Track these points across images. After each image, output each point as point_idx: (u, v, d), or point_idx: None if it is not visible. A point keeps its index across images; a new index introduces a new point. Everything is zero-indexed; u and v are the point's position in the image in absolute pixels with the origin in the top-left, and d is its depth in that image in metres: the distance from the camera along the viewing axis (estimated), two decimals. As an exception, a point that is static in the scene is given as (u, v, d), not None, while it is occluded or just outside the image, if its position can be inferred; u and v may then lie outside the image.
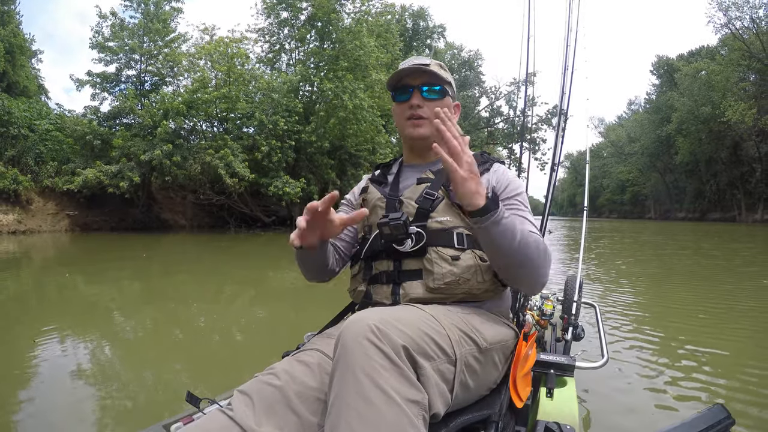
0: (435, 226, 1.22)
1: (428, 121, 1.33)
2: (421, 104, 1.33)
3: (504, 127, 40.45)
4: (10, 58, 21.22)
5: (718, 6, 35.24)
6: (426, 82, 1.33)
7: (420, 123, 1.34)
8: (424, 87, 1.33)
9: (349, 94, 18.66)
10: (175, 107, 17.25)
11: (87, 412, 2.25)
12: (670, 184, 54.70)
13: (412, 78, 1.34)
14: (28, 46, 24.02)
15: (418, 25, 34.91)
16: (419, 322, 0.93)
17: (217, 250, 12.02)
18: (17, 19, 22.67)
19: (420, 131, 1.34)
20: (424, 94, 1.33)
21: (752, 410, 2.18)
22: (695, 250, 11.23)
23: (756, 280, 6.26)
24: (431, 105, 1.33)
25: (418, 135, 1.35)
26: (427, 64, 1.33)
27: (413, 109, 1.33)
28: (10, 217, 16.16)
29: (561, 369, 1.38)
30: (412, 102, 1.33)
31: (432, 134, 1.33)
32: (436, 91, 1.34)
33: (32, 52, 25.03)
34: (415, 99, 1.33)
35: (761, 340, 3.41)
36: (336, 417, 0.77)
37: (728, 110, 33.47)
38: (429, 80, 1.33)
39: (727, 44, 37.33)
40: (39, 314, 4.40)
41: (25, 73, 22.91)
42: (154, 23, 19.31)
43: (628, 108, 70.02)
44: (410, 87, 1.34)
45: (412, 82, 1.34)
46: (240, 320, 4.39)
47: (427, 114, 1.33)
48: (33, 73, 24.77)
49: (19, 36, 22.47)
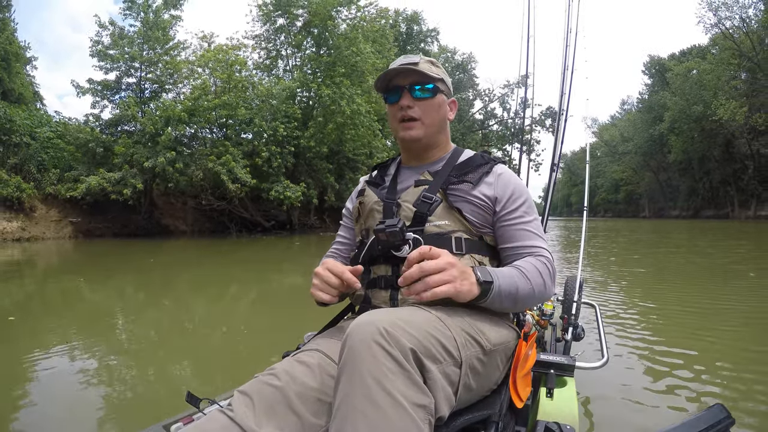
0: (433, 230, 1.20)
1: (420, 122, 1.29)
2: (412, 105, 1.28)
3: (498, 129, 40.63)
4: (6, 65, 21.04)
5: (708, 6, 35.39)
6: (416, 81, 1.27)
7: (411, 125, 1.29)
8: (416, 86, 1.28)
9: (347, 100, 18.76)
10: (177, 114, 17.26)
11: (87, 412, 2.24)
12: (663, 183, 54.75)
13: (401, 78, 1.29)
14: (23, 53, 23.71)
15: (412, 29, 35.13)
16: (426, 324, 0.92)
17: (220, 254, 12.06)
18: (12, 27, 22.39)
19: (411, 134, 1.29)
20: (416, 94, 1.28)
21: (752, 410, 2.15)
22: (689, 248, 11.22)
23: (756, 281, 6.17)
24: (423, 105, 1.29)
25: (410, 137, 1.30)
26: (416, 63, 1.28)
27: (404, 111, 1.28)
28: (14, 225, 16.10)
29: (561, 369, 1.36)
30: (402, 103, 1.28)
31: (426, 136, 1.31)
32: (427, 89, 1.28)
33: (27, 59, 24.69)
34: (405, 100, 1.28)
35: (762, 340, 3.37)
36: (342, 420, 0.76)
37: (719, 109, 33.56)
38: (419, 79, 1.27)
39: (717, 43, 37.44)
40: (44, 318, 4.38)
41: (21, 80, 22.64)
42: (153, 31, 19.27)
43: (621, 108, 70.20)
44: (400, 87, 1.29)
45: (401, 82, 1.29)
46: (240, 320, 4.38)
47: (418, 114, 1.29)
48: (28, 80, 24.45)
49: (14, 43, 22.24)
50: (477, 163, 1.30)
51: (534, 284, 1.12)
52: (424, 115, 1.29)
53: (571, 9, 2.90)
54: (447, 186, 1.24)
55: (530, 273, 1.13)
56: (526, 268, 1.14)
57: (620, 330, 3.55)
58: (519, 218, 1.23)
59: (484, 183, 1.25)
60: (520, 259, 1.20)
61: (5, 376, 2.82)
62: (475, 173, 1.27)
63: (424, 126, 1.30)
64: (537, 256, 1.19)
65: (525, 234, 1.23)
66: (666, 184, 54.44)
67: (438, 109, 1.32)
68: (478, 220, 1.23)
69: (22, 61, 23.56)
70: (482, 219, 1.23)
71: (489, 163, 1.30)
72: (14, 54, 21.95)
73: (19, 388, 2.61)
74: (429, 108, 1.30)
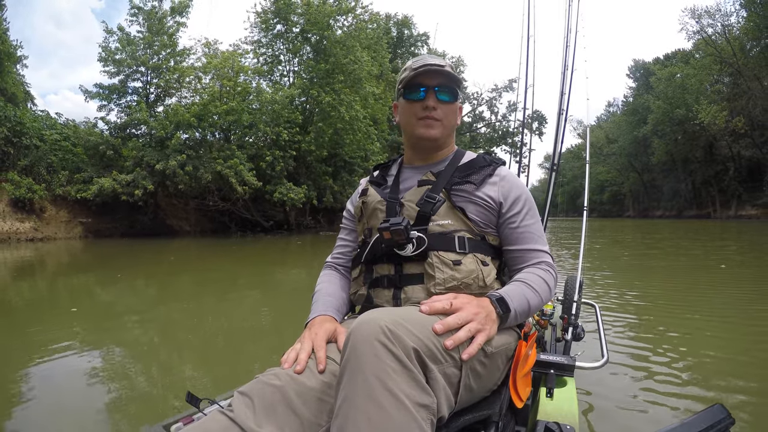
0: (436, 229, 1.17)
1: (441, 123, 1.27)
2: (436, 106, 1.25)
3: (486, 131, 40.82)
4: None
5: (691, 14, 35.60)
6: (441, 84, 1.24)
7: (433, 124, 1.26)
8: (443, 88, 1.25)
9: (346, 106, 18.93)
10: (186, 119, 17.41)
11: (88, 411, 2.20)
12: (647, 184, 55.02)
13: (427, 78, 1.24)
14: (14, 53, 23.17)
15: (403, 34, 35.13)
16: (428, 324, 0.89)
17: (231, 252, 12.21)
18: (4, 26, 21.83)
19: (431, 132, 1.26)
20: (442, 97, 1.25)
21: (752, 409, 2.11)
22: (688, 248, 11.06)
23: (758, 280, 6.03)
24: (443, 107, 1.26)
25: (429, 135, 1.27)
26: (443, 65, 1.24)
27: (427, 111, 1.25)
28: (26, 225, 16.03)
29: (561, 369, 1.33)
30: (428, 103, 1.24)
31: (442, 137, 1.29)
32: (451, 93, 1.26)
33: (17, 58, 24.01)
34: (431, 101, 1.24)
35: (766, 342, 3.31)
36: (344, 419, 0.74)
37: (701, 113, 33.74)
38: (444, 82, 1.24)
39: (700, 48, 37.66)
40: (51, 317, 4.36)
41: (12, 80, 22.17)
42: (159, 37, 19.25)
43: (606, 110, 70.46)
44: (424, 86, 1.24)
45: (427, 81, 1.24)
46: (241, 320, 4.33)
47: (440, 116, 1.26)
48: (18, 79, 23.86)
49: (6, 42, 21.77)
50: (480, 164, 1.28)
51: (541, 294, 1.14)
52: (444, 117, 1.27)
53: (571, 9, 2.87)
54: (450, 186, 1.22)
55: (536, 284, 1.14)
56: (532, 281, 1.15)
57: (620, 330, 3.48)
58: (522, 221, 1.22)
59: (488, 184, 1.24)
60: (523, 263, 1.22)
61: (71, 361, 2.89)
62: (478, 174, 1.25)
63: (443, 127, 1.28)
64: (539, 265, 1.21)
65: (528, 237, 1.23)
66: (650, 185, 54.69)
67: (455, 113, 1.32)
68: (481, 220, 1.21)
69: (13, 60, 22.96)
70: (486, 219, 1.22)
71: (492, 165, 1.28)
72: (6, 53, 21.50)
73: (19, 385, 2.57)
74: (449, 111, 1.29)
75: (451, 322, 0.91)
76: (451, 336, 0.90)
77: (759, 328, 3.59)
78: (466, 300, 1.00)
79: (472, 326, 0.94)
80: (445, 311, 0.95)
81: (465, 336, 0.91)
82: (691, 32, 37.01)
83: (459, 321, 0.93)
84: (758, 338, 3.33)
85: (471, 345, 0.92)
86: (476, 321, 0.95)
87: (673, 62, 44.86)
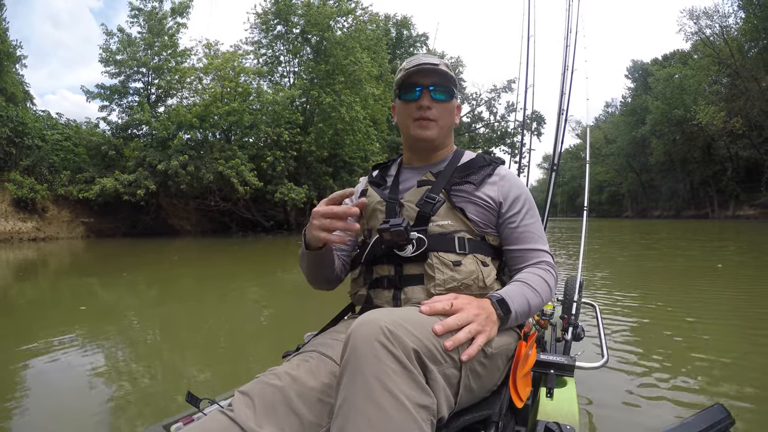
0: (436, 230, 1.16)
1: (436, 123, 1.24)
2: (431, 105, 1.22)
3: (485, 132, 40.79)
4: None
5: (689, 15, 35.56)
6: (435, 83, 1.22)
7: (428, 125, 1.23)
8: (437, 87, 1.22)
9: (346, 107, 18.92)
10: (188, 120, 17.42)
11: (88, 411, 2.19)
12: (646, 184, 54.93)
13: (422, 77, 1.22)
14: (13, 52, 23.07)
15: (402, 34, 35.08)
16: (428, 324, 0.88)
17: (231, 252, 12.23)
18: (4, 26, 21.71)
19: (427, 133, 1.24)
20: (436, 95, 1.22)
21: (753, 410, 2.09)
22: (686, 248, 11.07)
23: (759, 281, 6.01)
24: (440, 106, 1.24)
25: (425, 137, 1.24)
26: (437, 64, 1.22)
27: (422, 111, 1.22)
28: (28, 225, 16.04)
29: (561, 369, 1.32)
30: (422, 103, 1.22)
31: (438, 137, 1.27)
32: (446, 92, 1.24)
33: (16, 58, 23.83)
34: (425, 100, 1.22)
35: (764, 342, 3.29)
36: (344, 420, 0.73)
37: (699, 113, 33.71)
38: (439, 81, 1.22)
39: (698, 49, 37.62)
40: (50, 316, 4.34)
41: (11, 80, 22.09)
42: (160, 38, 19.26)
43: (605, 110, 70.32)
44: (419, 86, 1.22)
45: (421, 81, 1.22)
46: (242, 320, 4.32)
47: (435, 116, 1.24)
48: (17, 79, 23.71)
49: (6, 42, 21.69)
50: (479, 164, 1.26)
51: (542, 294, 1.13)
52: (440, 117, 1.25)
53: (571, 9, 2.86)
54: (450, 187, 1.20)
55: (537, 285, 1.13)
56: (532, 281, 1.13)
57: (620, 330, 3.46)
58: (522, 220, 1.21)
59: (488, 184, 1.22)
60: (524, 263, 1.20)
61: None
62: (477, 174, 1.23)
63: (438, 127, 1.26)
64: (539, 265, 1.19)
65: (528, 236, 1.21)
66: (648, 185, 54.61)
67: (451, 112, 1.29)
68: (481, 220, 1.20)
69: (12, 60, 22.86)
70: (485, 219, 1.20)
71: (491, 165, 1.27)
72: (6, 53, 21.43)
73: (20, 383, 2.56)
74: (445, 110, 1.26)
75: (451, 323, 0.90)
76: (451, 337, 0.89)
77: (759, 329, 3.58)
78: (467, 301, 0.99)
79: (473, 327, 0.93)
80: (446, 312, 0.94)
81: (465, 337, 0.90)
82: (690, 33, 36.99)
83: (459, 322, 0.92)
84: (758, 338, 3.33)
85: (471, 346, 0.91)
86: (476, 322, 0.94)
87: (671, 63, 44.79)
